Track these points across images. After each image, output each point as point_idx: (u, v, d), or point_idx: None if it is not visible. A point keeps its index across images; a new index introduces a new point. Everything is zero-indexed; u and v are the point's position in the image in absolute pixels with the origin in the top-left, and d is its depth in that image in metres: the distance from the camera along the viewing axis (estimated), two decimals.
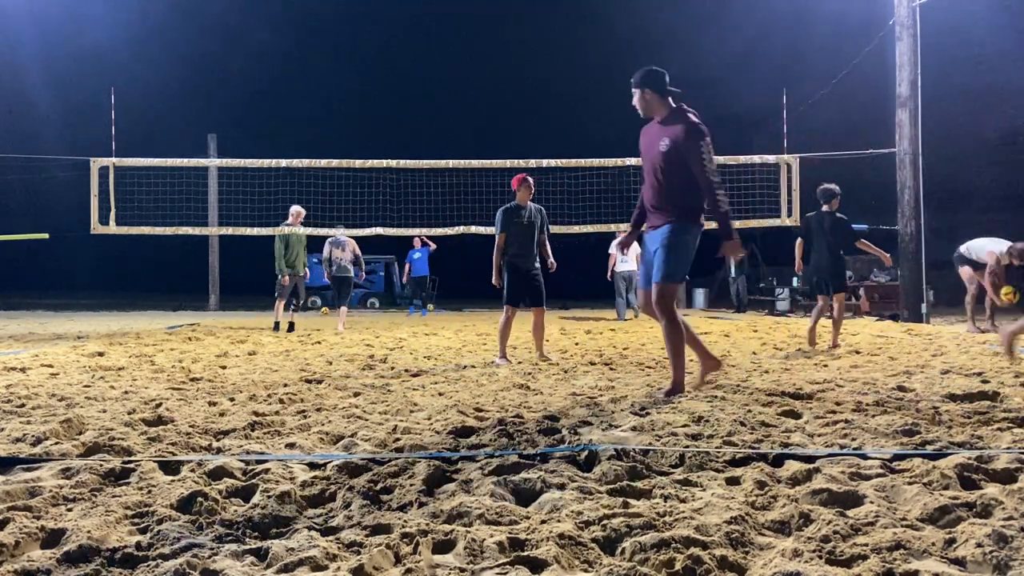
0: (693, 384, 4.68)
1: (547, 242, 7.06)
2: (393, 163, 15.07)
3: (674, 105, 4.54)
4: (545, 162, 16.07)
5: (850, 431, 3.33)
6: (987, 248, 9.70)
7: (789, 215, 15.43)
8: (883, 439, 3.17)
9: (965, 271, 10.22)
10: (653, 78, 4.50)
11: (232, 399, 4.39)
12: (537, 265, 6.93)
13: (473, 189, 16.01)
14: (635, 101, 4.60)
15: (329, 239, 13.19)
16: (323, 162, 15.01)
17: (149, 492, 2.40)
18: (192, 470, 2.61)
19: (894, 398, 4.25)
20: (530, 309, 6.93)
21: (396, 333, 10.96)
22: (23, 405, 4.06)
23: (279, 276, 11.71)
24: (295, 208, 12.41)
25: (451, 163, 15.83)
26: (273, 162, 15.70)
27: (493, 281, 6.91)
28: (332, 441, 3.22)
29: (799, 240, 8.27)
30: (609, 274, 16.53)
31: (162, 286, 36.21)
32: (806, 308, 18.88)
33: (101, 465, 2.67)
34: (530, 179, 6.98)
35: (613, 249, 16.56)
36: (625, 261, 16.40)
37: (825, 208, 7.99)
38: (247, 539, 2.00)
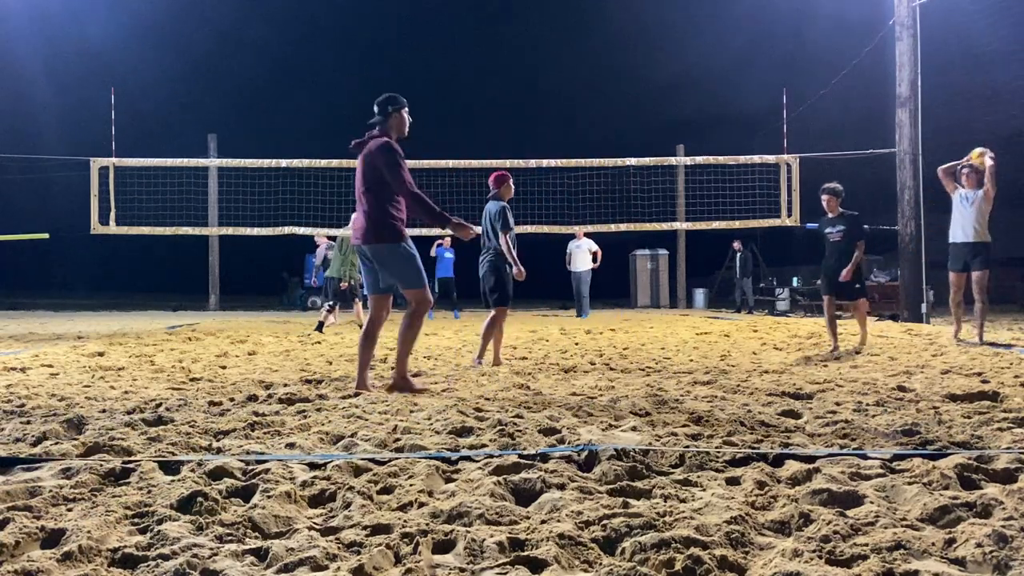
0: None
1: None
2: None
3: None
4: (545, 162, 16.08)
5: (850, 431, 3.33)
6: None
7: (789, 215, 15.43)
8: (883, 439, 3.17)
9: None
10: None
11: (232, 399, 4.39)
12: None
13: (473, 189, 15.99)
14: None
15: (326, 243, 13.37)
16: (323, 162, 14.99)
17: (149, 492, 2.40)
18: (192, 470, 2.61)
19: (894, 398, 4.25)
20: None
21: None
22: (23, 405, 4.06)
23: (345, 281, 11.53)
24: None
25: (451, 163, 15.83)
26: (273, 162, 15.69)
27: (521, 273, 6.51)
28: (332, 441, 3.21)
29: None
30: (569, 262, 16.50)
31: (162, 286, 36.17)
32: (806, 308, 18.88)
33: (101, 465, 2.67)
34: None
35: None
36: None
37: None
38: (247, 539, 2.00)
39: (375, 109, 4.90)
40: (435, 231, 15.11)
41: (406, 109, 4.96)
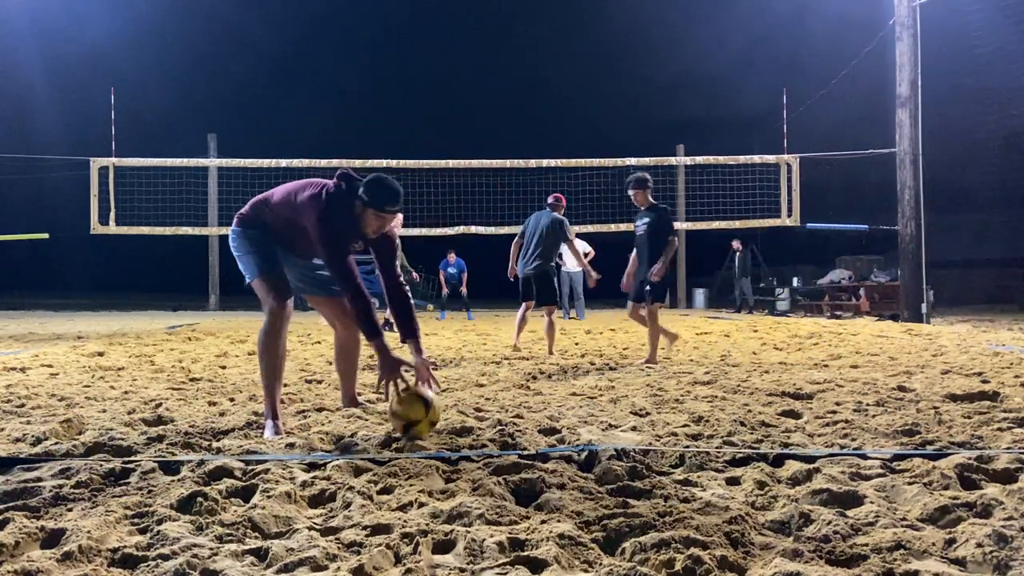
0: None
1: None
2: (393, 163, 15.05)
3: None
4: (545, 162, 16.08)
5: (850, 431, 3.33)
6: None
7: (789, 215, 15.44)
8: (883, 439, 3.17)
9: None
10: None
11: (232, 399, 4.39)
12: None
13: (473, 189, 16.00)
14: None
15: None
16: (323, 162, 15.00)
17: (149, 492, 2.40)
18: (192, 470, 2.61)
19: (894, 398, 4.25)
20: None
21: (396, 333, 10.94)
22: (23, 405, 4.06)
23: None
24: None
25: (451, 163, 15.83)
26: (273, 162, 15.68)
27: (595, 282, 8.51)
28: (332, 441, 3.22)
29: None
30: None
31: (162, 286, 36.12)
32: (806, 308, 18.88)
33: (101, 465, 2.67)
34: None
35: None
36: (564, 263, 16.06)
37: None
38: (247, 539, 2.00)
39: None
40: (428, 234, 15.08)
41: (388, 212, 3.58)
